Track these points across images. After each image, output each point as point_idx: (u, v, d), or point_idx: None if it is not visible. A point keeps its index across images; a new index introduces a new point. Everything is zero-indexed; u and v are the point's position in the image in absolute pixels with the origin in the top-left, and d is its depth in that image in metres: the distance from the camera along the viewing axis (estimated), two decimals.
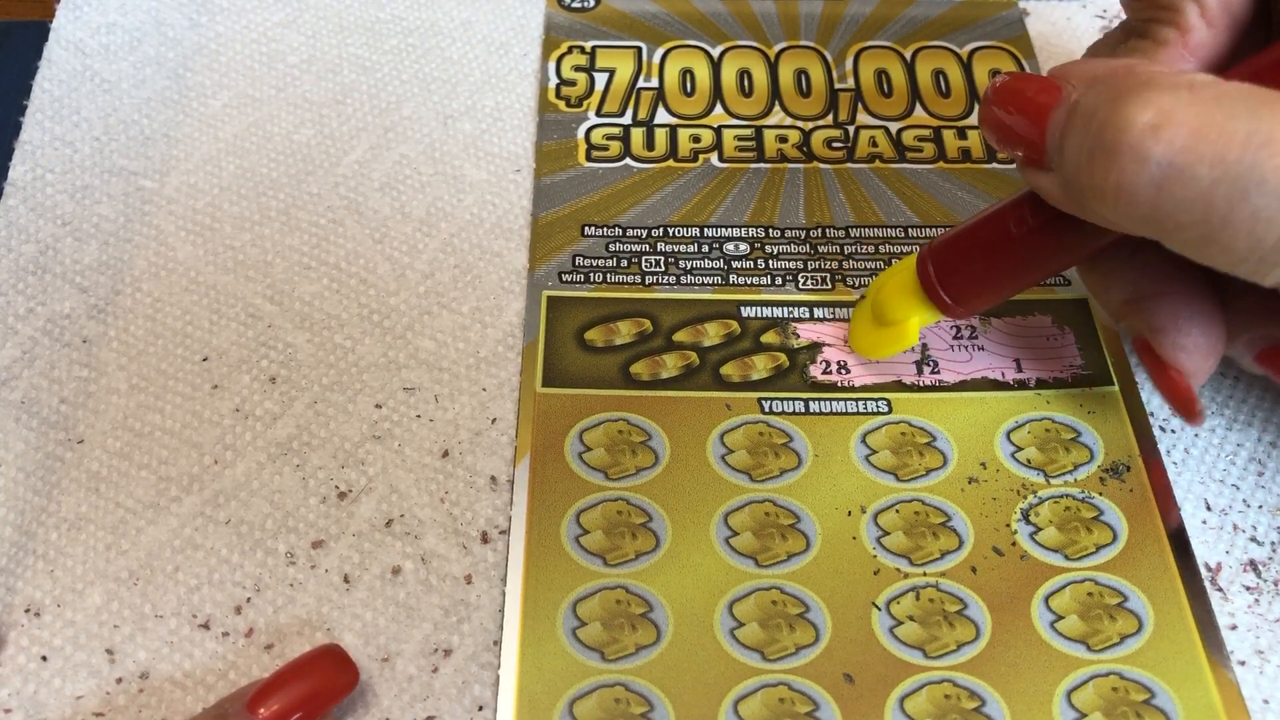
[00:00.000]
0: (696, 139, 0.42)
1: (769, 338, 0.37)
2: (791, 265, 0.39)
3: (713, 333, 0.37)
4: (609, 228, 0.39)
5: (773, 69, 0.44)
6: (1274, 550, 0.33)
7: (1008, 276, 0.31)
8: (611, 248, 0.39)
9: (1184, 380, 0.31)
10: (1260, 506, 0.34)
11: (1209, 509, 0.34)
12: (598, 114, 0.43)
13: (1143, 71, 0.25)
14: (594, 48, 0.45)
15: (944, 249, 0.32)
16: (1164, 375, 0.31)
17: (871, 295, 0.35)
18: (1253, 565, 0.33)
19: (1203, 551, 0.33)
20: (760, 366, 0.36)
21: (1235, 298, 0.31)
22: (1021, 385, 0.36)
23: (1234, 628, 0.32)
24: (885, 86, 0.44)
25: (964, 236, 0.32)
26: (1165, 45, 0.28)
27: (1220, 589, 0.32)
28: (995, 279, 0.31)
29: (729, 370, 0.36)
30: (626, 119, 0.43)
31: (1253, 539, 0.33)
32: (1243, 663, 0.31)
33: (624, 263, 0.39)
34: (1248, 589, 0.32)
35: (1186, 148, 0.24)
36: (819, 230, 0.39)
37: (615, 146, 0.42)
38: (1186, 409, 0.31)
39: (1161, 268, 0.31)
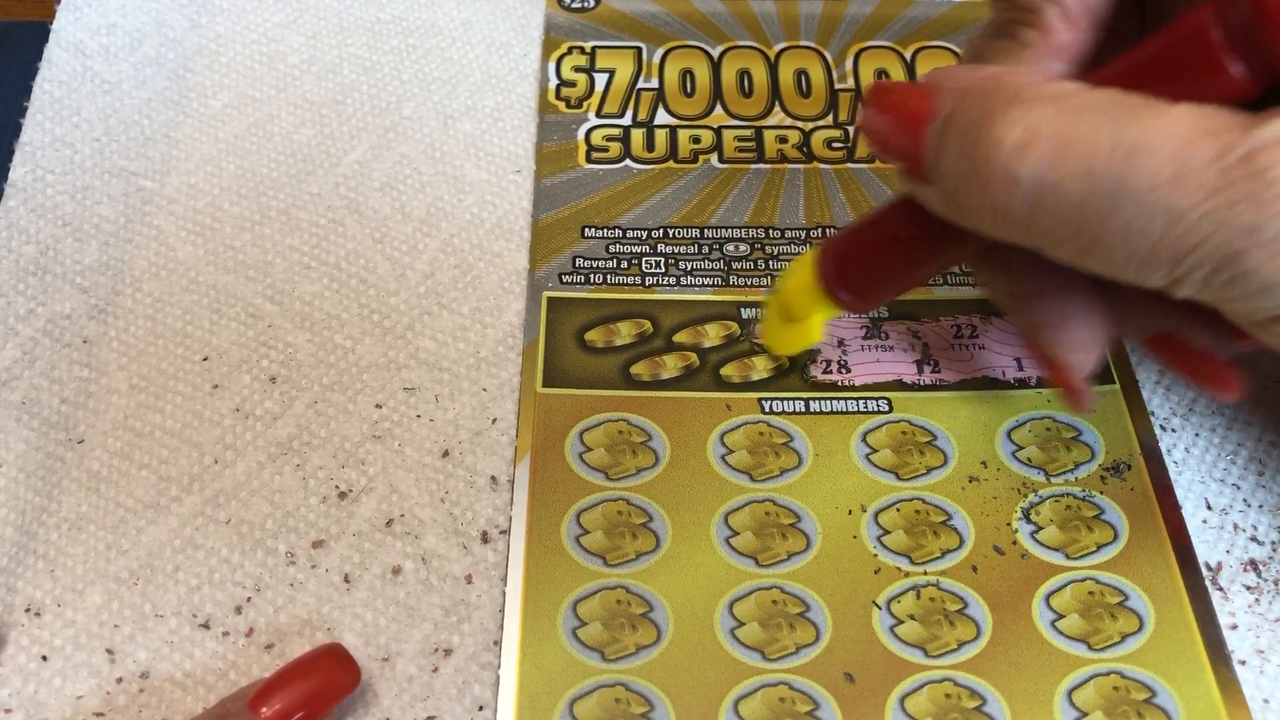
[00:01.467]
0: (696, 140, 0.42)
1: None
2: (789, 258, 0.38)
3: (713, 333, 0.37)
4: (609, 229, 0.39)
5: (773, 69, 0.44)
6: (1274, 550, 0.33)
7: (899, 274, 0.31)
8: (612, 249, 0.39)
9: (1071, 372, 0.31)
10: (1260, 506, 0.34)
11: (1209, 508, 0.34)
12: (598, 115, 0.43)
13: (1009, 83, 0.25)
14: (594, 48, 0.45)
15: (839, 245, 0.31)
16: (1051, 368, 0.31)
17: (777, 292, 0.34)
18: (1253, 565, 0.33)
19: (1203, 551, 0.33)
20: (760, 367, 0.36)
21: (1119, 289, 0.31)
22: (1022, 384, 0.36)
23: (1234, 627, 0.32)
24: None
25: (857, 234, 0.31)
26: (1029, 47, 0.28)
27: (1221, 588, 0.32)
28: (889, 275, 0.31)
29: (729, 371, 0.36)
30: (626, 120, 0.43)
31: (1253, 538, 0.33)
32: (1243, 662, 0.31)
33: (624, 264, 0.39)
34: (1248, 588, 0.32)
35: (1054, 164, 0.24)
36: (819, 230, 0.39)
37: (615, 148, 0.42)
38: (1076, 400, 0.31)
39: (1040, 266, 0.30)
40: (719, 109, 0.43)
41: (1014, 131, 0.24)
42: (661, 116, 0.43)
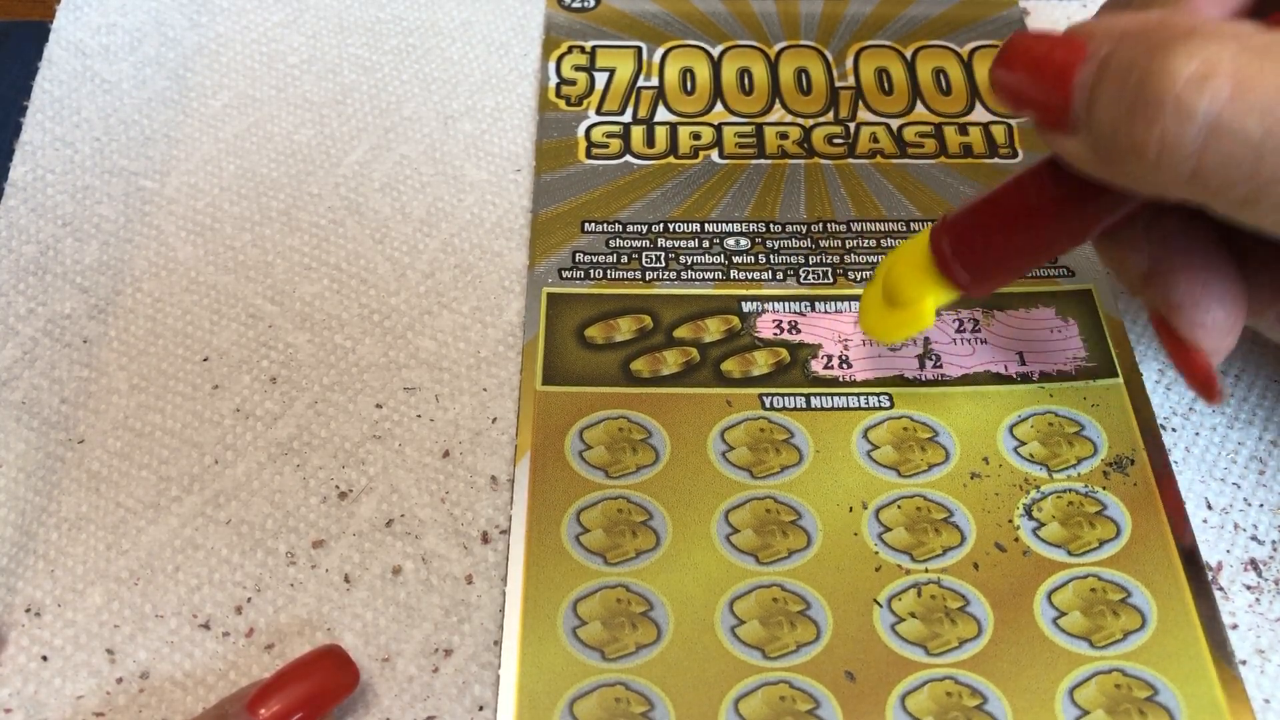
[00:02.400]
0: (697, 136, 0.42)
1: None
2: (793, 260, 0.38)
3: (713, 328, 0.37)
4: (609, 224, 0.39)
5: (773, 68, 0.44)
6: (1275, 549, 0.33)
7: (1026, 250, 0.30)
8: (612, 244, 0.39)
9: (1204, 358, 0.29)
10: (1261, 505, 0.34)
11: (1210, 508, 0.34)
12: (598, 112, 0.43)
13: (1181, 22, 0.24)
14: (594, 47, 0.45)
15: (959, 223, 0.30)
16: (1183, 353, 0.30)
17: (882, 275, 0.33)
18: (1253, 564, 0.33)
19: (1204, 550, 0.33)
20: (761, 362, 0.36)
21: (1260, 269, 0.30)
22: (1024, 378, 0.36)
23: (1235, 627, 0.32)
24: (886, 85, 0.44)
25: (980, 209, 0.30)
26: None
27: (1221, 588, 0.32)
28: (1013, 253, 0.30)
29: (730, 366, 0.36)
30: (626, 117, 0.43)
31: (1254, 538, 0.33)
32: (1244, 662, 0.31)
33: (624, 259, 0.38)
34: (1248, 588, 0.32)
35: (1235, 100, 0.22)
36: (820, 225, 0.39)
37: (615, 144, 0.42)
38: (1207, 388, 0.30)
39: (1180, 239, 0.29)
40: (719, 106, 0.43)
41: (1191, 63, 0.23)
42: (662, 114, 0.43)
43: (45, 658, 0.31)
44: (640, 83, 0.44)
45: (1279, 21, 0.25)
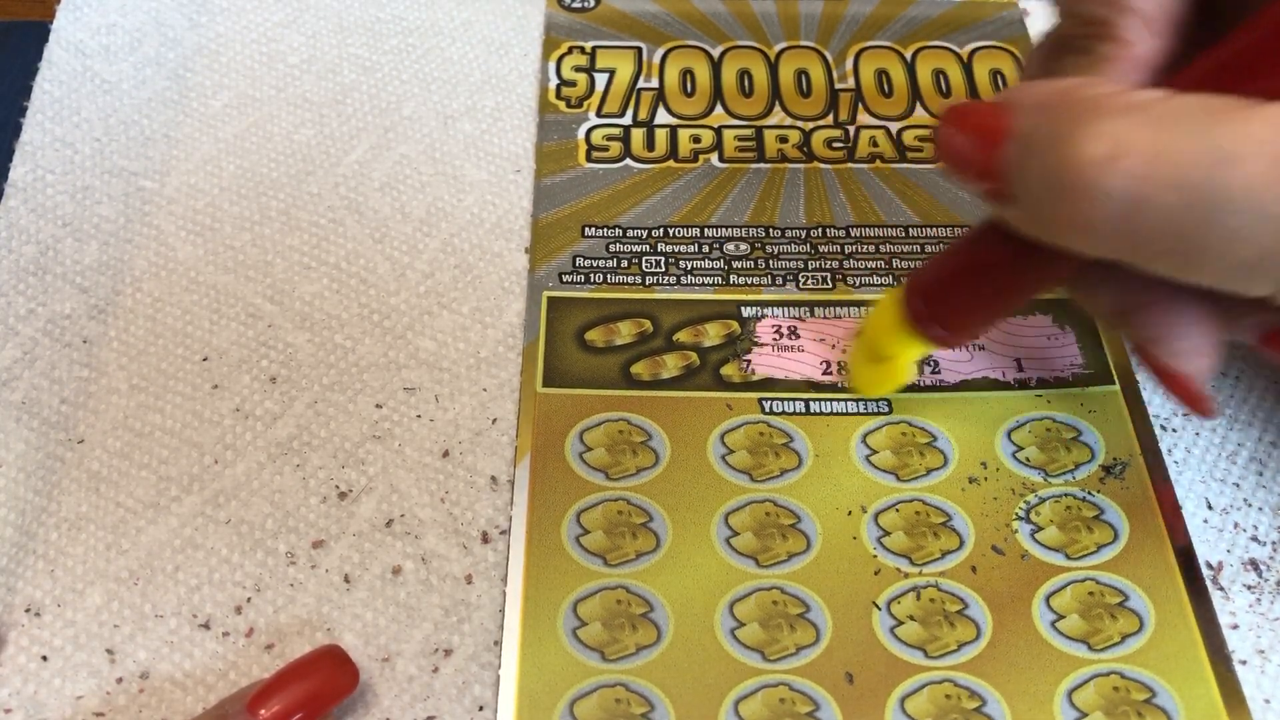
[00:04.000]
0: (697, 139, 0.42)
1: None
2: (792, 265, 0.38)
3: (713, 332, 0.37)
4: (609, 228, 0.39)
5: (773, 69, 0.44)
6: (1275, 549, 0.33)
7: (992, 303, 0.31)
8: (612, 248, 0.39)
9: (1189, 380, 0.30)
10: (1261, 506, 0.34)
11: (1210, 508, 0.34)
12: (598, 114, 0.43)
13: (1089, 95, 0.24)
14: (594, 48, 0.45)
15: (927, 283, 0.31)
16: (1170, 379, 0.30)
17: (862, 333, 0.34)
18: (1254, 564, 0.33)
19: (1204, 551, 0.33)
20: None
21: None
22: (1022, 385, 0.36)
23: (1235, 627, 0.32)
24: (886, 86, 0.44)
25: (942, 267, 0.31)
26: (1107, 60, 0.27)
27: (1221, 588, 0.32)
28: (980, 307, 0.31)
29: (729, 370, 0.36)
30: (626, 119, 0.43)
31: (1254, 538, 0.33)
32: (1244, 662, 0.31)
33: (624, 263, 0.38)
34: (1249, 588, 0.32)
35: (1145, 177, 0.23)
36: (819, 230, 0.39)
37: (615, 147, 0.42)
38: (1199, 407, 0.30)
39: (1142, 278, 0.29)
40: (719, 109, 0.43)
41: (1099, 145, 0.23)
42: (662, 116, 0.43)
43: (45, 658, 0.31)
44: (640, 84, 0.44)
45: (1184, 81, 0.25)
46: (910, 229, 0.39)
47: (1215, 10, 0.28)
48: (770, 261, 0.39)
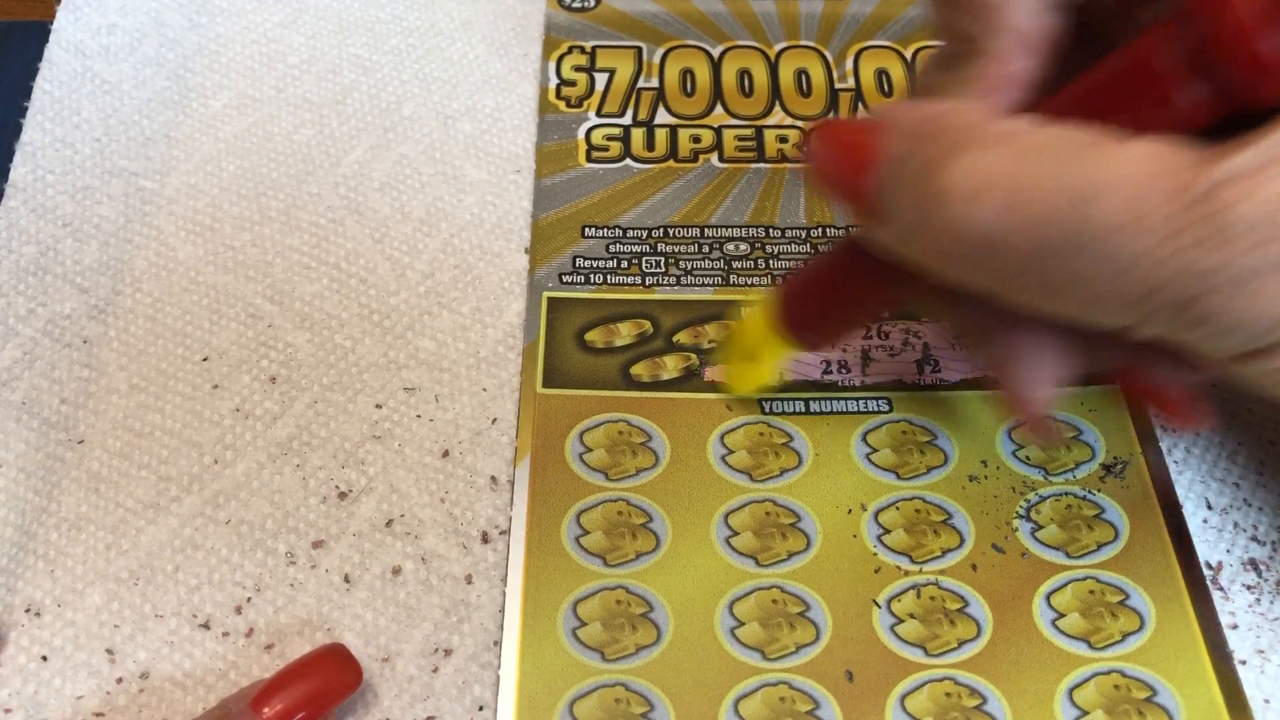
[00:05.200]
0: (697, 139, 0.42)
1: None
2: (792, 265, 0.38)
3: (713, 333, 0.37)
4: (609, 228, 0.39)
5: (773, 69, 0.44)
6: (1275, 549, 0.33)
7: (851, 313, 0.31)
8: (612, 248, 0.39)
9: (1031, 406, 0.30)
10: (1261, 506, 0.34)
11: (1210, 508, 0.34)
12: (598, 114, 0.43)
13: (958, 123, 0.24)
14: (594, 48, 0.45)
15: (793, 288, 0.32)
16: (1013, 402, 0.30)
17: (735, 334, 0.36)
18: (1253, 564, 0.33)
19: (1203, 551, 0.33)
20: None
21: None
22: None
23: (1235, 627, 0.32)
24: (886, 86, 0.44)
25: (808, 276, 0.31)
26: (981, 79, 0.26)
27: (1221, 588, 0.32)
28: (840, 316, 0.31)
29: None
30: (626, 119, 0.43)
31: (1254, 538, 0.33)
32: (1244, 662, 0.31)
33: (624, 263, 0.38)
34: (1248, 588, 0.32)
35: (1006, 213, 0.23)
36: (819, 230, 0.39)
37: (615, 147, 0.42)
38: (1039, 433, 0.31)
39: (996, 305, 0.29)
40: (719, 108, 0.43)
41: (964, 180, 0.23)
42: (662, 116, 0.43)
43: (45, 658, 0.31)
44: (640, 84, 0.44)
45: (1054, 109, 0.24)
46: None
47: (1093, 33, 0.28)
48: (771, 262, 0.39)
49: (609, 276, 0.38)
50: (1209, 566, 0.33)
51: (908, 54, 0.45)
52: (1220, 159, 0.21)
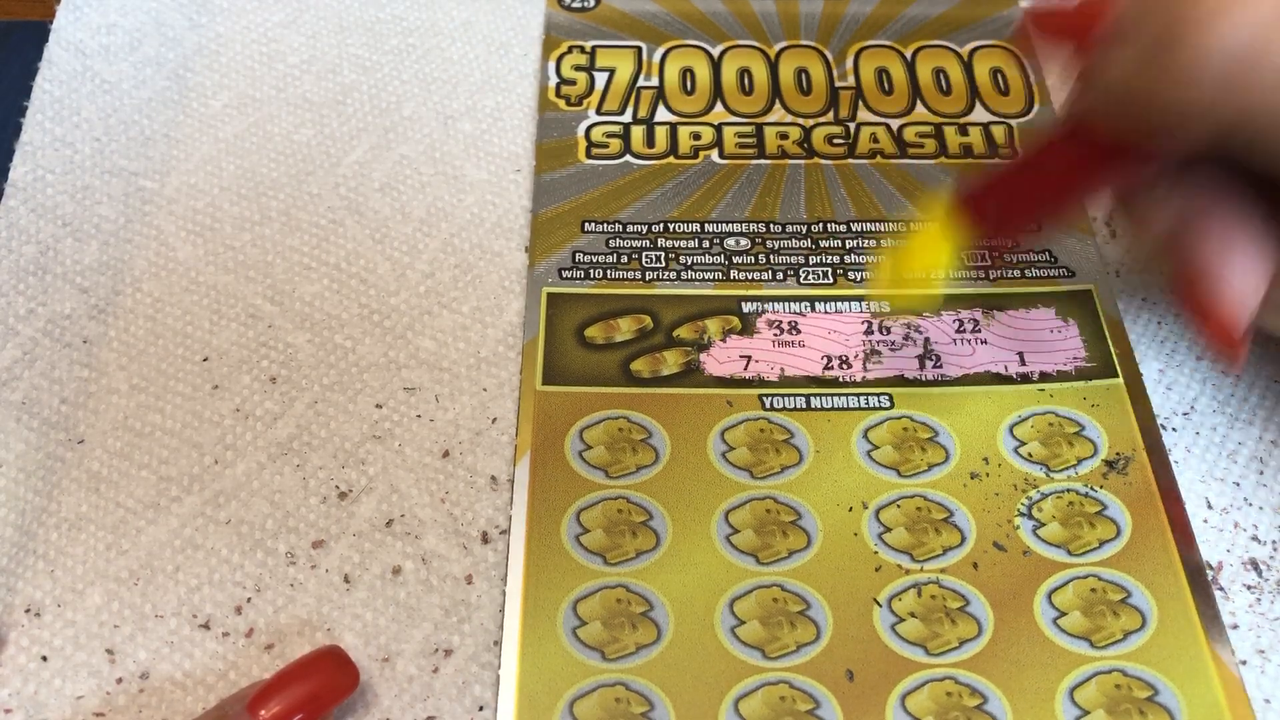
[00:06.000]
0: (697, 136, 0.42)
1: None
2: (793, 260, 0.38)
3: (713, 328, 0.37)
4: (609, 224, 0.39)
5: (773, 68, 0.44)
6: (1275, 549, 0.33)
7: (1054, 199, 0.31)
8: (612, 244, 0.39)
9: (1230, 322, 0.28)
10: (1261, 505, 0.34)
11: (1210, 507, 0.34)
12: (598, 112, 0.43)
13: None
14: (594, 47, 0.45)
15: (983, 181, 0.32)
16: (1208, 319, 0.28)
17: (905, 246, 0.34)
18: (1254, 564, 0.33)
19: (1204, 550, 0.33)
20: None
21: None
22: (1024, 379, 0.36)
23: (1235, 627, 0.32)
24: (886, 85, 0.44)
25: (1002, 174, 0.32)
26: None
27: (1221, 588, 0.32)
28: (1037, 202, 0.31)
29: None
30: (626, 117, 0.43)
31: (1254, 538, 0.33)
32: (1244, 662, 0.31)
33: (624, 258, 0.38)
34: (1249, 588, 0.32)
35: (1270, 24, 0.22)
36: (820, 225, 0.39)
37: (615, 144, 0.42)
38: (1231, 353, 0.28)
39: (1208, 194, 0.27)
40: (719, 107, 0.43)
41: None
42: (662, 114, 0.43)
43: (45, 658, 0.31)
44: (640, 82, 0.44)
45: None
46: (912, 223, 0.39)
47: None
48: (771, 257, 0.39)
49: (609, 271, 0.38)
50: (1209, 566, 0.33)
51: (908, 53, 0.45)
52: None
